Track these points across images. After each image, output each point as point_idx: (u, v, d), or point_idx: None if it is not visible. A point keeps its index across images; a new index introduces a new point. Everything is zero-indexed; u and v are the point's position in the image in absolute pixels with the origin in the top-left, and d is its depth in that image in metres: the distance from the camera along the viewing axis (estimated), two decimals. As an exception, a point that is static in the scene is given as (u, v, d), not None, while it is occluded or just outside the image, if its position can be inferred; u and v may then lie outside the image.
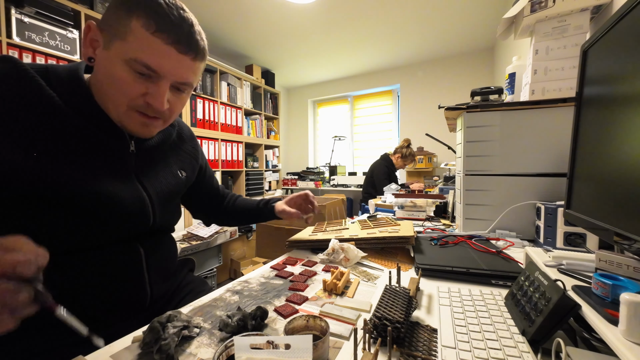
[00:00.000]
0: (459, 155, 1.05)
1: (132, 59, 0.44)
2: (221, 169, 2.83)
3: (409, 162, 2.77)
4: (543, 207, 0.78)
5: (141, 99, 0.48)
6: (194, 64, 0.50)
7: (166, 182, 0.61)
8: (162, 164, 0.62)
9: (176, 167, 0.65)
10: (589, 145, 0.53)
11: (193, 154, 0.72)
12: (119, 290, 0.54)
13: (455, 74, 3.30)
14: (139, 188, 0.56)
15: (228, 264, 2.36)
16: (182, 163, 0.67)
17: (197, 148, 0.75)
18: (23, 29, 1.56)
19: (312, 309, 0.51)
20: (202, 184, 0.80)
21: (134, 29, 0.43)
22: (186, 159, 0.69)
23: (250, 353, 0.30)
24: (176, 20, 0.46)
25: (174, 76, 0.48)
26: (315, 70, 3.74)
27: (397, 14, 2.42)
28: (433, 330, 0.43)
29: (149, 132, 0.53)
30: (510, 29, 1.11)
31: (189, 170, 0.69)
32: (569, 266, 0.50)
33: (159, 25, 0.44)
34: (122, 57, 0.44)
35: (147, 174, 0.57)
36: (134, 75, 0.46)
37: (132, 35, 0.44)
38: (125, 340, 0.42)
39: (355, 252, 0.73)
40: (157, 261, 0.60)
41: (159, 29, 0.44)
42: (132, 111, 0.49)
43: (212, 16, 2.46)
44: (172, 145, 0.66)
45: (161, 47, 0.45)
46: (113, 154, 0.52)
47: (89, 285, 0.50)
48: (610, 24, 0.45)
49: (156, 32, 0.44)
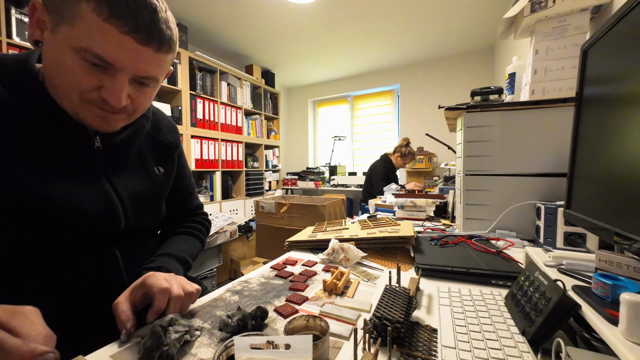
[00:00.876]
0: (459, 155, 1.05)
1: (81, 48, 0.38)
2: (221, 169, 2.83)
3: (409, 160, 2.77)
4: (543, 207, 0.79)
5: (95, 93, 0.42)
6: (157, 56, 0.44)
7: (139, 181, 0.56)
8: (136, 161, 0.56)
9: (152, 164, 0.59)
10: (589, 145, 0.53)
11: (174, 144, 0.65)
12: (100, 295, 0.50)
13: (455, 74, 3.30)
14: (107, 188, 0.52)
15: (228, 264, 2.36)
16: (159, 158, 0.61)
17: (177, 138, 0.68)
18: (23, 29, 1.56)
19: (312, 309, 0.51)
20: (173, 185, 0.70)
21: (83, 13, 0.37)
22: (165, 151, 0.62)
23: (250, 353, 0.30)
24: (134, 5, 0.39)
25: (134, 70, 0.43)
26: (315, 70, 3.74)
27: (397, 14, 2.42)
28: (433, 330, 0.43)
29: (111, 126, 0.48)
30: (510, 29, 1.11)
31: (168, 165, 0.63)
32: (569, 266, 0.50)
33: (112, 11, 0.38)
34: (70, 44, 0.38)
35: (117, 173, 0.53)
36: (86, 66, 0.40)
37: (80, 20, 0.38)
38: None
39: (355, 252, 0.73)
40: (138, 264, 0.56)
41: (113, 14, 0.38)
42: (87, 104, 0.43)
43: (212, 16, 2.46)
44: (147, 137, 0.60)
45: (116, 37, 0.39)
46: (74, 152, 0.47)
47: (68, 290, 0.48)
48: (610, 24, 0.45)
49: (110, 19, 0.38)
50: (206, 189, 2.77)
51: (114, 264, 0.53)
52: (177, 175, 0.70)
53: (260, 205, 2.01)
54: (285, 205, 1.90)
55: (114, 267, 0.53)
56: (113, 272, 0.53)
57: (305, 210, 1.80)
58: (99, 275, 0.51)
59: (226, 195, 2.94)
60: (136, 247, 0.58)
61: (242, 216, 3.06)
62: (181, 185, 0.72)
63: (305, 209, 1.80)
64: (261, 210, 2.01)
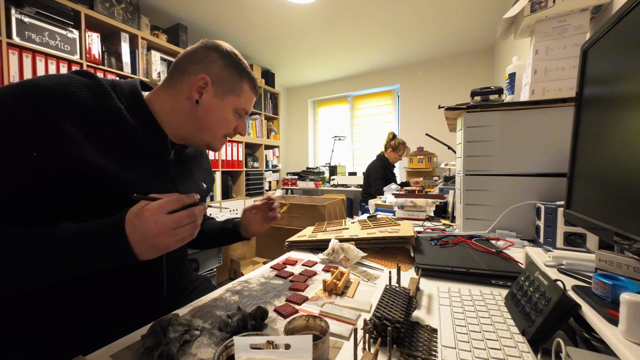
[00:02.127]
0: (459, 155, 1.05)
1: (241, 109, 0.62)
2: (221, 169, 2.83)
3: (402, 151, 2.74)
4: (543, 207, 0.78)
5: (233, 131, 0.64)
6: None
7: (193, 190, 0.67)
8: (190, 174, 0.69)
9: (199, 179, 0.72)
10: (589, 145, 0.53)
11: (209, 170, 0.81)
12: (140, 288, 0.57)
13: (455, 74, 3.30)
14: (172, 190, 0.61)
15: (228, 264, 2.36)
16: (202, 176, 0.75)
17: (211, 168, 0.83)
18: (23, 29, 1.56)
19: (312, 309, 0.51)
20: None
21: (245, 90, 0.62)
22: (205, 173, 0.77)
23: (250, 353, 0.30)
24: (255, 77, 0.64)
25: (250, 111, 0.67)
26: (315, 70, 3.74)
27: (397, 14, 2.42)
28: (433, 330, 0.43)
29: (221, 147, 0.67)
30: (510, 29, 1.11)
31: (208, 184, 0.76)
32: (569, 266, 0.50)
33: (254, 86, 0.64)
34: (234, 106, 0.61)
35: (180, 181, 0.63)
36: (236, 117, 0.63)
37: (244, 94, 0.62)
38: (126, 340, 0.43)
39: (355, 252, 0.73)
40: (175, 261, 0.65)
41: (255, 87, 0.64)
42: (224, 137, 0.64)
43: (212, 16, 2.46)
44: (197, 159, 0.74)
45: (253, 98, 0.66)
46: (158, 160, 0.58)
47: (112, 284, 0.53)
48: (610, 24, 0.45)
49: (254, 90, 0.64)
50: (206, 189, 2.77)
51: (160, 259, 0.59)
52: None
53: (260, 205, 2.00)
54: (285, 205, 1.89)
55: (159, 262, 0.59)
56: (157, 267, 0.59)
57: (305, 210, 1.80)
58: (145, 269, 0.56)
59: (226, 195, 2.94)
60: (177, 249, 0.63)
61: (242, 216, 3.05)
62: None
63: (305, 209, 1.80)
64: (261, 210, 2.01)
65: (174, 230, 0.43)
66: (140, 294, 0.57)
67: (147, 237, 0.42)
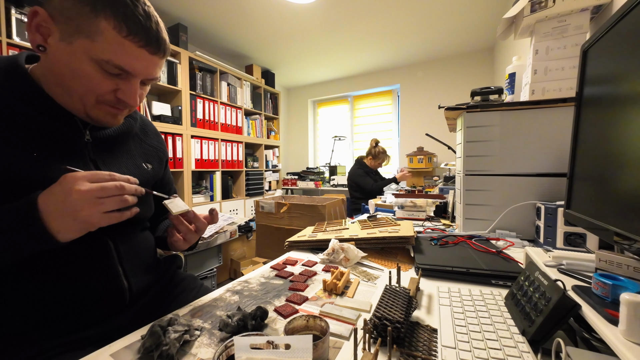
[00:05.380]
0: (459, 155, 1.05)
1: (103, 60, 0.44)
2: (221, 169, 2.83)
3: (381, 159, 2.83)
4: (543, 207, 0.78)
5: (111, 95, 0.49)
6: (161, 61, 0.52)
7: (129, 173, 0.57)
8: (125, 155, 0.60)
9: (141, 160, 0.64)
10: (589, 145, 0.53)
11: (160, 149, 0.71)
12: (94, 284, 0.51)
13: (455, 74, 3.30)
14: None
15: (228, 264, 2.35)
16: (147, 156, 0.66)
17: (163, 144, 0.73)
18: (23, 29, 1.56)
19: (312, 309, 0.51)
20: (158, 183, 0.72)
21: (104, 30, 0.43)
22: (152, 152, 0.68)
23: (250, 353, 0.30)
24: (145, 21, 0.46)
25: (145, 75, 0.50)
26: (315, 70, 3.74)
27: (397, 14, 2.42)
28: (433, 330, 0.43)
29: (117, 121, 0.55)
30: (510, 29, 1.11)
31: (156, 163, 0.68)
32: (569, 266, 0.50)
33: (130, 29, 0.44)
34: (91, 55, 0.44)
35: (107, 164, 0.55)
36: (104, 74, 0.46)
37: (101, 36, 0.43)
38: (125, 340, 0.42)
39: (355, 252, 0.73)
40: (131, 253, 0.58)
41: (131, 32, 0.44)
42: (102, 104, 0.49)
43: (212, 16, 2.46)
44: (136, 137, 0.65)
45: (134, 51, 0.46)
46: (65, 142, 0.50)
47: (60, 280, 0.48)
48: (610, 24, 0.45)
49: (128, 36, 0.44)
50: (206, 189, 2.77)
51: (106, 251, 0.53)
52: (164, 180, 0.74)
53: (260, 205, 2.01)
54: (285, 205, 1.90)
55: (106, 254, 0.53)
56: (105, 260, 0.53)
57: (305, 210, 1.81)
58: (92, 263, 0.51)
59: (226, 195, 2.94)
60: (129, 238, 0.59)
61: (242, 216, 3.06)
62: (169, 191, 0.74)
63: (305, 209, 1.80)
64: (261, 210, 2.01)
65: (99, 199, 0.39)
66: (98, 289, 0.51)
67: (66, 205, 0.38)
